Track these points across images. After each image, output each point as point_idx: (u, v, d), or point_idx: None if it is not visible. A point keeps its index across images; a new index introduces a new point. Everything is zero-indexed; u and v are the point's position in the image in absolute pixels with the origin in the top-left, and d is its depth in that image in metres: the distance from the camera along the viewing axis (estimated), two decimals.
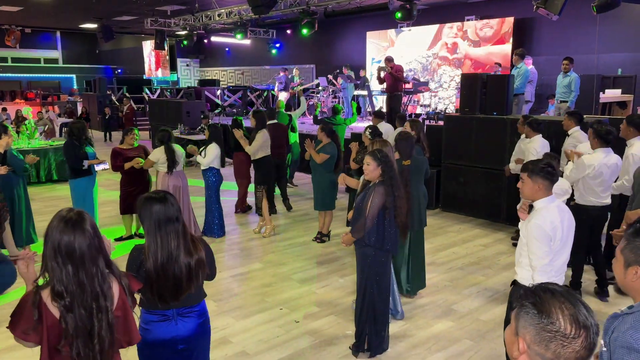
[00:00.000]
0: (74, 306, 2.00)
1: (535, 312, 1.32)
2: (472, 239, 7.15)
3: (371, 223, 3.83)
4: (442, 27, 14.49)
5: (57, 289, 2.00)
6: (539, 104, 11.78)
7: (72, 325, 1.99)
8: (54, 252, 2.00)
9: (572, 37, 11.89)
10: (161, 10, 16.63)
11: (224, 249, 6.64)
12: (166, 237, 2.52)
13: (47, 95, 23.94)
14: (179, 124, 13.02)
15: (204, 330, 2.79)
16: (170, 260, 2.52)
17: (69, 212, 2.08)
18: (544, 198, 3.09)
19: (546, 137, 6.50)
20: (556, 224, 3.04)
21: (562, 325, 1.28)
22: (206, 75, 24.44)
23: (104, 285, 2.06)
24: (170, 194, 2.67)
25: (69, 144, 6.46)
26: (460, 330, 4.54)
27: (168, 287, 2.54)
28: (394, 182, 3.84)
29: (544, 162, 3.15)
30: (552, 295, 1.33)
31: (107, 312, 2.06)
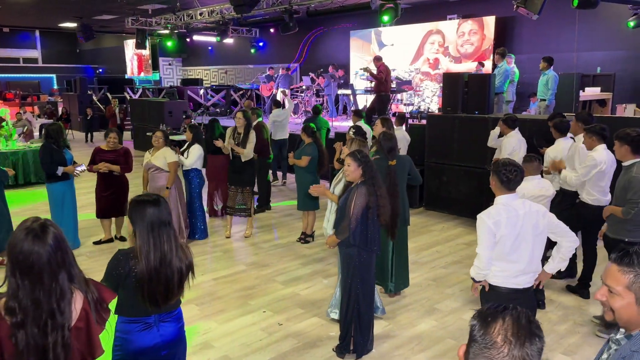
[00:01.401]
0: (26, 323, 1.90)
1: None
2: (455, 237, 7.19)
3: (355, 223, 3.82)
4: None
5: (9, 305, 1.91)
6: (520, 103, 11.89)
7: (22, 343, 1.90)
8: (12, 264, 1.92)
9: (553, 36, 12.02)
10: (142, 9, 16.43)
11: (207, 252, 6.59)
12: (159, 239, 2.51)
13: (27, 95, 23.53)
14: (161, 124, 12.89)
15: (182, 333, 2.80)
16: (163, 263, 2.51)
17: (33, 223, 1.99)
18: (502, 195, 3.25)
19: (525, 135, 6.57)
20: (499, 220, 3.16)
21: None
22: (189, 75, 24.23)
23: (62, 302, 1.96)
24: (162, 197, 2.65)
25: (46, 147, 6.25)
26: (443, 330, 4.56)
27: (160, 290, 2.52)
28: (376, 181, 3.86)
29: (508, 165, 3.22)
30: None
31: (64, 329, 1.96)
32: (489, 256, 3.24)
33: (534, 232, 3.22)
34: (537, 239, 3.25)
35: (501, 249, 3.21)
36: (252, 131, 6.87)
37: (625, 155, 4.36)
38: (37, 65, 26.77)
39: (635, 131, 4.31)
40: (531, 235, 3.21)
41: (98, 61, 28.01)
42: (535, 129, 7.03)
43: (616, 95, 10.94)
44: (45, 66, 26.90)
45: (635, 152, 4.31)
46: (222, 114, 17.34)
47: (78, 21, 17.99)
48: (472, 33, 13.50)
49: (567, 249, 3.33)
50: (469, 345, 1.35)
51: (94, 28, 17.88)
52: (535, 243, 3.25)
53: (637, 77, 11.24)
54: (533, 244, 3.23)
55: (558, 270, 3.46)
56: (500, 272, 3.26)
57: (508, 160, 3.31)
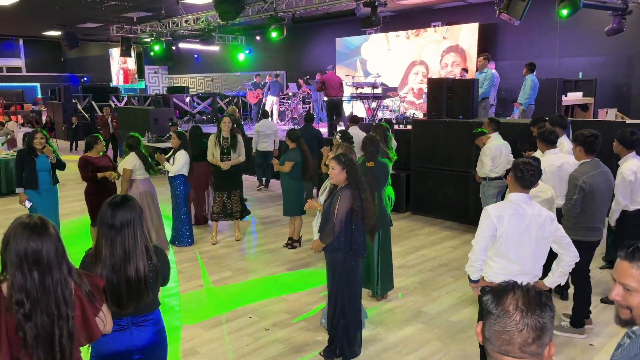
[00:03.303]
0: (34, 314, 1.95)
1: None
2: (441, 241, 7.23)
3: (339, 227, 3.82)
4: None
5: (17, 298, 1.94)
6: (504, 108, 12.04)
7: (30, 335, 1.93)
8: (19, 259, 1.95)
9: (535, 42, 12.21)
10: (127, 17, 16.37)
11: (193, 258, 6.54)
12: (120, 239, 2.49)
13: (10, 104, 23.23)
14: (146, 132, 12.81)
15: (160, 339, 2.72)
16: (124, 263, 2.48)
17: (29, 219, 2.04)
18: (514, 192, 3.29)
19: (509, 139, 6.65)
20: (503, 215, 3.20)
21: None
22: (175, 83, 24.14)
23: (66, 291, 2.03)
24: (131, 197, 2.64)
25: (20, 152, 6.16)
26: (430, 332, 4.57)
27: (121, 291, 2.48)
28: (360, 185, 3.87)
29: (527, 163, 3.27)
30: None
31: (68, 319, 2.02)
32: (482, 248, 3.27)
33: (539, 234, 3.23)
34: (541, 242, 3.26)
35: (502, 245, 3.23)
36: (239, 135, 6.91)
37: (579, 155, 4.42)
38: (21, 74, 26.49)
39: (590, 132, 4.38)
40: (535, 237, 3.22)
41: (83, 69, 27.80)
42: (518, 133, 7.12)
43: (598, 100, 11.12)
44: (29, 75, 26.63)
45: (587, 153, 4.36)
46: (208, 121, 17.29)
47: (62, 29, 17.84)
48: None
49: (568, 264, 3.35)
50: (485, 319, 1.41)
51: (78, 36, 17.75)
52: (539, 246, 3.26)
53: (617, 82, 11.45)
54: (536, 246, 3.24)
55: (557, 285, 3.48)
56: (500, 270, 3.27)
57: (529, 160, 3.35)
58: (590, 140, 4.31)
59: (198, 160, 7.27)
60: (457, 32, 13.63)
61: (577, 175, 4.28)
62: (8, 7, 14.79)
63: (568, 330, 4.52)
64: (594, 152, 4.37)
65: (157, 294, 2.71)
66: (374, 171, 4.91)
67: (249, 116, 17.12)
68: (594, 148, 4.35)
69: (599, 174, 4.32)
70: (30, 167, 6.03)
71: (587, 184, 4.22)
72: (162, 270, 2.68)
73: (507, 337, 1.35)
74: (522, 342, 1.34)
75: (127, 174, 6.17)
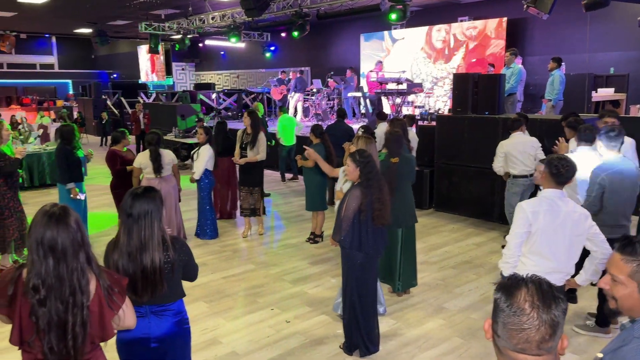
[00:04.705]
0: (49, 300, 1.99)
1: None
2: (464, 238, 7.16)
3: (347, 225, 3.83)
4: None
5: (33, 283, 1.99)
6: (532, 104, 11.82)
7: (43, 320, 1.98)
8: (37, 245, 2.01)
9: (564, 37, 11.93)
10: (155, 14, 16.64)
11: (217, 251, 6.64)
12: (138, 230, 2.55)
13: (43, 100, 23.91)
14: (173, 127, 13.03)
15: (181, 330, 2.75)
16: (139, 252, 2.54)
17: (52, 207, 2.10)
18: (548, 189, 3.25)
19: (537, 136, 6.54)
20: (538, 210, 3.16)
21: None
22: (202, 79, 24.45)
23: (82, 280, 2.06)
24: (153, 189, 2.69)
25: (60, 149, 6.32)
26: (451, 329, 4.55)
27: (137, 279, 2.54)
28: (371, 183, 3.81)
29: (563, 159, 3.23)
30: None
31: (83, 308, 2.05)
32: (518, 244, 3.24)
33: (574, 231, 3.19)
34: (576, 239, 3.21)
35: (536, 242, 3.20)
36: (261, 133, 6.92)
37: (602, 151, 4.33)
38: (54, 71, 27.19)
39: (612, 127, 4.27)
40: (569, 234, 3.18)
41: (112, 66, 28.38)
42: (547, 129, 6.99)
43: (630, 95, 10.81)
44: (61, 72, 27.31)
45: (609, 148, 4.25)
46: (234, 117, 17.47)
47: (93, 27, 18.26)
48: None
49: (601, 261, 3.28)
50: (496, 317, 1.37)
51: (108, 34, 18.14)
52: (573, 243, 3.22)
53: None
54: (570, 243, 3.20)
55: (590, 282, 3.42)
56: (534, 267, 3.21)
57: (564, 156, 3.31)
58: (611, 136, 4.22)
59: (223, 155, 7.36)
60: (484, 27, 13.43)
61: (598, 172, 4.19)
62: (41, 6, 15.21)
63: (593, 329, 4.44)
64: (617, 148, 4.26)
65: (176, 286, 2.73)
66: (399, 167, 4.87)
67: (274, 112, 17.22)
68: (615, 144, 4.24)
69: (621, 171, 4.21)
70: (75, 160, 6.27)
71: (607, 180, 4.13)
72: (180, 263, 2.69)
73: (524, 336, 1.30)
74: (540, 340, 1.30)
75: (135, 172, 6.31)
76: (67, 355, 2.03)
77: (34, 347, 2.02)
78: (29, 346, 2.02)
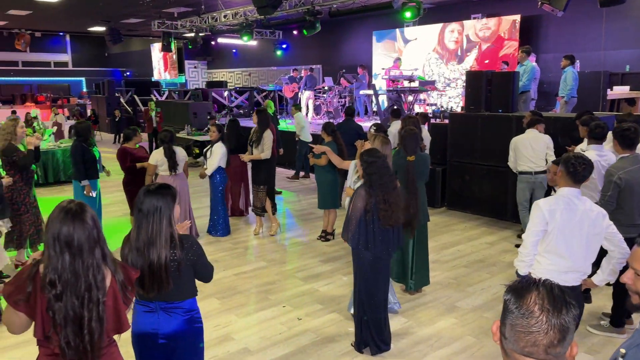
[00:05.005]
0: (65, 295, 2.02)
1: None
2: (477, 237, 7.12)
3: (354, 225, 3.83)
4: (443, 32, 14.50)
5: (50, 278, 2.02)
6: (546, 101, 11.70)
7: (59, 315, 2.01)
8: (53, 240, 2.04)
9: (579, 34, 11.79)
10: (168, 12, 16.73)
11: (229, 248, 6.66)
12: (146, 226, 2.57)
13: (57, 98, 24.17)
14: (186, 125, 13.10)
15: (191, 328, 2.74)
16: (147, 247, 2.56)
17: (69, 203, 2.12)
18: (565, 187, 3.22)
19: (550, 134, 6.47)
20: (555, 209, 3.13)
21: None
22: (214, 77, 24.55)
23: (97, 276, 2.08)
24: (167, 186, 2.70)
25: (77, 146, 6.34)
26: (464, 327, 4.52)
27: (145, 274, 2.56)
28: (375, 184, 3.79)
29: (579, 157, 3.20)
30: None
31: (99, 303, 2.07)
32: (534, 243, 3.21)
33: (591, 230, 3.15)
34: (593, 238, 3.18)
35: (553, 240, 3.17)
36: (267, 131, 6.93)
37: (617, 150, 4.29)
38: (68, 69, 27.47)
39: (628, 125, 4.21)
40: (587, 233, 3.15)
41: (126, 64, 28.58)
42: (561, 127, 6.92)
43: None
44: (75, 69, 27.59)
45: (624, 147, 4.18)
46: (245, 115, 17.52)
47: (106, 25, 18.42)
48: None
49: (618, 261, 3.25)
50: (504, 318, 1.35)
51: (121, 32, 18.28)
52: (590, 242, 3.18)
53: None
54: (587, 242, 3.17)
55: (607, 282, 3.38)
56: (550, 266, 3.20)
57: (581, 154, 3.28)
58: (626, 133, 4.14)
59: (234, 153, 7.38)
60: (497, 28, 13.31)
61: (613, 171, 4.13)
62: (56, 4, 15.37)
63: (607, 329, 4.39)
64: (633, 147, 4.19)
65: (185, 285, 2.72)
66: (416, 165, 4.84)
67: (285, 110, 17.24)
68: (631, 142, 4.17)
69: (637, 170, 4.14)
70: (91, 158, 6.32)
71: (623, 180, 4.06)
72: (188, 263, 2.67)
73: (532, 339, 1.28)
74: (548, 344, 1.27)
75: (150, 169, 6.35)
76: (84, 350, 2.05)
77: (51, 341, 2.04)
78: (47, 340, 2.04)
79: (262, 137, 6.86)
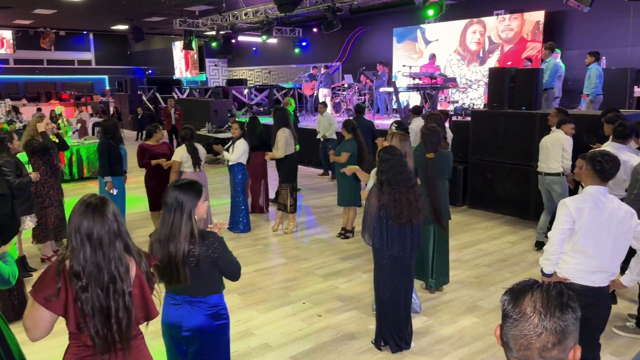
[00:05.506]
0: (90, 287, 2.06)
1: None
2: (499, 236, 7.03)
3: (370, 223, 3.83)
4: (465, 32, 14.33)
5: (75, 269, 2.06)
6: (570, 99, 11.49)
7: (87, 305, 2.05)
8: (75, 233, 2.08)
9: (605, 30, 11.53)
10: (189, 11, 16.88)
11: (249, 245, 6.70)
12: (168, 219, 2.63)
13: (81, 95, 24.59)
14: (206, 123, 13.21)
15: (214, 324, 2.76)
16: (168, 240, 2.62)
17: (91, 197, 2.16)
18: (592, 185, 3.15)
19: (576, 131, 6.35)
20: (583, 207, 3.07)
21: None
22: (234, 75, 24.69)
23: (120, 268, 2.11)
24: (194, 182, 2.75)
25: (104, 143, 6.45)
26: (485, 327, 4.48)
27: (165, 267, 2.62)
28: (388, 181, 3.78)
29: (605, 154, 3.14)
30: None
31: (124, 294, 2.11)
32: (560, 241, 3.15)
33: (619, 229, 3.08)
34: (621, 237, 3.11)
35: (580, 239, 3.10)
36: (282, 129, 6.96)
37: None
38: (91, 67, 27.91)
39: None
40: (615, 232, 3.08)
41: (148, 62, 28.93)
42: (585, 125, 6.79)
43: None
44: (98, 67, 28.02)
45: None
46: (265, 112, 17.59)
47: (129, 23, 18.66)
48: (512, 19, 13.17)
49: None
50: (503, 322, 1.33)
51: (143, 30, 18.51)
52: (619, 241, 3.11)
53: None
54: (615, 241, 3.10)
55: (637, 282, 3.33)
56: (577, 266, 3.14)
57: (607, 151, 3.21)
58: None
59: (255, 150, 7.43)
60: (520, 29, 13.10)
61: (639, 169, 4.05)
62: (80, 3, 15.63)
63: (633, 331, 4.30)
64: None
65: (208, 280, 2.73)
66: (435, 163, 4.80)
67: (305, 108, 17.26)
68: None
69: None
70: (117, 155, 6.42)
71: None
72: (207, 259, 2.66)
73: (524, 342, 1.25)
74: (541, 347, 1.24)
75: (175, 166, 6.39)
76: (112, 340, 2.09)
77: (82, 331, 2.08)
78: (79, 331, 2.08)
79: (275, 137, 6.97)
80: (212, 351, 2.80)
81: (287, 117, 7.22)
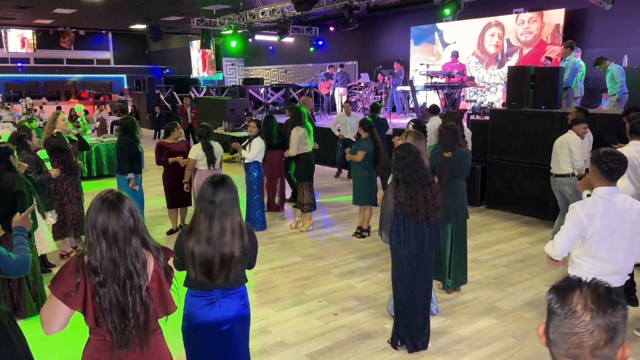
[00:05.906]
0: (107, 282, 2.06)
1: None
2: (517, 236, 6.94)
3: (387, 221, 3.81)
4: (483, 35, 14.17)
5: (92, 265, 2.07)
6: (591, 99, 11.29)
7: (105, 300, 2.06)
8: (91, 228, 2.09)
9: (628, 28, 11.31)
10: (207, 10, 16.98)
11: (265, 243, 6.70)
12: (219, 216, 2.64)
13: (100, 94, 24.92)
14: (223, 121, 13.27)
15: (245, 311, 2.88)
16: (221, 238, 2.63)
17: (107, 193, 2.16)
18: (601, 187, 3.06)
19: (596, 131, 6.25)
20: (594, 213, 2.98)
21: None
22: (250, 74, 24.77)
23: (137, 264, 2.11)
24: (228, 177, 2.77)
25: (124, 140, 6.51)
26: (503, 328, 4.42)
27: (215, 263, 2.63)
28: (404, 179, 3.76)
29: (610, 154, 3.05)
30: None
31: (141, 289, 2.11)
32: (567, 245, 3.09)
33: (633, 230, 3.01)
34: (635, 239, 3.04)
35: (593, 245, 3.03)
36: (295, 128, 6.96)
37: None
38: (109, 66, 28.25)
39: None
40: (628, 234, 3.01)
41: (165, 62, 29.18)
42: (607, 124, 6.67)
43: None
44: (116, 67, 28.35)
45: None
46: (281, 111, 17.61)
47: (147, 23, 18.84)
48: (532, 21, 12.98)
49: None
50: (549, 320, 1.30)
51: (161, 29, 18.66)
52: (633, 243, 3.05)
53: None
54: (630, 243, 3.03)
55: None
56: (590, 270, 3.04)
57: (610, 150, 3.13)
58: None
59: (271, 148, 7.44)
60: (539, 32, 12.90)
61: None
62: (100, 2, 15.81)
63: None
64: None
65: (244, 271, 2.84)
66: (453, 161, 4.74)
67: (321, 107, 17.24)
68: None
69: None
70: (137, 152, 6.51)
71: None
72: (252, 251, 2.81)
73: (576, 340, 1.22)
74: (594, 345, 1.21)
75: (190, 163, 6.46)
76: (130, 335, 2.10)
77: (101, 326, 2.09)
78: (97, 326, 2.09)
79: (287, 136, 7.05)
80: (245, 338, 2.92)
81: (301, 115, 7.21)
